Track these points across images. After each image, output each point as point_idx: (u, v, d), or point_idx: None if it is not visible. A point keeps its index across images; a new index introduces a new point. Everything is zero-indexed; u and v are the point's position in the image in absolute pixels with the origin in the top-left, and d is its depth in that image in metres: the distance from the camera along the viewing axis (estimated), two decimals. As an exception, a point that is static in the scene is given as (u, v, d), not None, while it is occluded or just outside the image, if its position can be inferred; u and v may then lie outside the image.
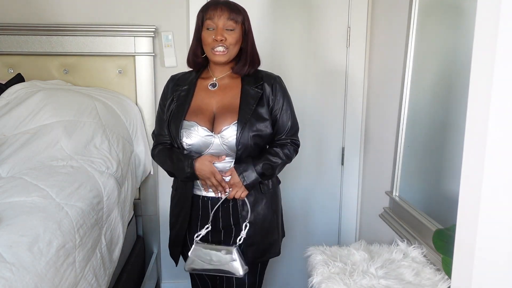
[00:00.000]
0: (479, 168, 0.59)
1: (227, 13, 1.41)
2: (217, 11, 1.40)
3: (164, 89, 1.58)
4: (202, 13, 1.45)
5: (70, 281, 1.19)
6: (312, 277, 1.45)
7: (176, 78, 1.56)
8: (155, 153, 1.56)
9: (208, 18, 1.42)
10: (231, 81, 1.52)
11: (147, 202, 2.38)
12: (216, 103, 1.48)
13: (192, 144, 1.44)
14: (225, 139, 1.43)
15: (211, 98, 1.49)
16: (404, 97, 1.82)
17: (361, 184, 2.49)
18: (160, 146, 1.54)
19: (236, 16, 1.42)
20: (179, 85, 1.52)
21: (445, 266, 1.27)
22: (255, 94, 1.48)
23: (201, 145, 1.44)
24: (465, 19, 1.55)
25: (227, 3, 1.44)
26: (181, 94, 1.50)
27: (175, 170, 1.47)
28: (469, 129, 0.62)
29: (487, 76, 0.57)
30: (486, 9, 0.58)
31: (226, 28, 1.42)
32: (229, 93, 1.50)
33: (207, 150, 1.45)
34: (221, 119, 1.45)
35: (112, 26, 2.21)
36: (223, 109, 1.47)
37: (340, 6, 2.33)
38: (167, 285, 2.55)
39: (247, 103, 1.46)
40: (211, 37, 1.41)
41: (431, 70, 1.77)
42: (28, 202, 1.27)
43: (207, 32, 1.43)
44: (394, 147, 1.92)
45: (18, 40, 2.18)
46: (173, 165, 1.45)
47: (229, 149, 1.44)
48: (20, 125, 1.85)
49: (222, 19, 1.41)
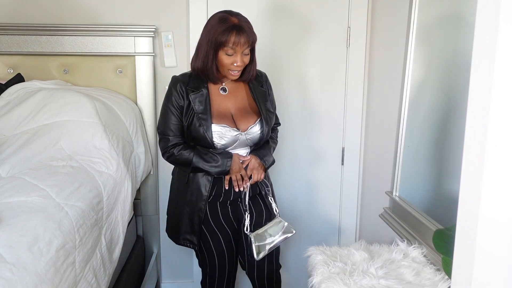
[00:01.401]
0: (479, 168, 0.59)
1: (247, 42, 1.54)
2: (241, 41, 1.51)
3: (172, 91, 1.64)
4: (222, 36, 1.51)
5: (70, 281, 1.19)
6: (312, 277, 1.45)
7: (185, 81, 1.64)
8: (175, 152, 1.64)
9: (230, 46, 1.52)
10: (236, 85, 1.72)
11: (147, 202, 2.38)
12: (232, 106, 1.69)
13: (225, 144, 1.64)
14: (250, 135, 1.67)
15: (226, 102, 1.68)
16: (404, 97, 1.82)
17: (361, 184, 2.49)
18: (179, 146, 1.65)
19: (252, 42, 1.57)
20: (192, 89, 1.63)
21: (445, 266, 1.27)
22: (263, 93, 1.75)
23: (230, 143, 1.66)
24: (465, 19, 1.55)
25: (247, 31, 1.53)
26: (199, 98, 1.62)
27: (210, 168, 1.62)
28: (469, 129, 0.62)
29: (487, 76, 0.57)
30: (486, 9, 0.58)
31: (244, 54, 1.57)
32: (239, 96, 1.71)
33: (233, 145, 1.67)
34: (243, 119, 1.67)
35: (112, 26, 2.21)
36: (240, 111, 1.69)
37: (340, 6, 2.33)
38: (167, 285, 2.55)
39: (262, 102, 1.72)
40: (231, 61, 1.56)
41: (431, 71, 1.77)
42: (28, 202, 1.27)
43: (226, 56, 1.55)
44: (394, 147, 1.92)
45: (18, 40, 2.18)
46: (207, 164, 1.61)
47: (251, 142, 1.69)
48: (20, 125, 1.85)
49: (243, 47, 1.54)
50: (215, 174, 1.64)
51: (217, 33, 1.52)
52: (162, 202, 2.46)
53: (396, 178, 1.90)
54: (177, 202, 1.74)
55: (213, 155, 1.61)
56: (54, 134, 1.79)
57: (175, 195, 1.77)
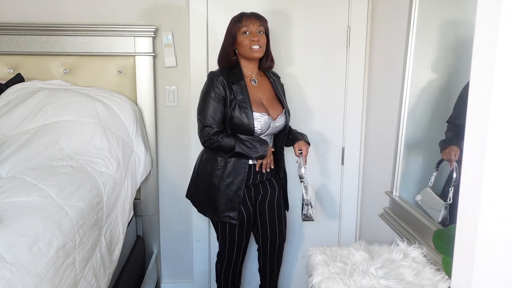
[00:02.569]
0: (479, 168, 0.59)
1: (258, 21, 1.83)
2: (251, 20, 1.82)
3: (213, 84, 1.81)
4: (236, 23, 1.83)
5: (70, 281, 1.19)
6: (312, 277, 1.45)
7: (225, 75, 1.84)
8: (218, 139, 1.80)
9: (244, 25, 1.81)
10: (262, 78, 1.96)
11: (147, 202, 2.38)
12: (262, 96, 1.90)
13: (262, 129, 1.84)
14: (277, 123, 1.90)
15: (258, 92, 1.89)
16: (404, 97, 1.82)
17: (361, 184, 2.49)
18: (222, 134, 1.81)
19: (263, 23, 1.85)
20: (233, 81, 1.83)
21: (445, 266, 1.27)
22: (282, 87, 2.04)
23: (265, 129, 1.86)
24: (465, 19, 1.55)
25: (256, 14, 1.85)
26: (240, 89, 1.82)
27: (251, 153, 1.82)
28: (469, 129, 0.62)
29: (487, 76, 0.57)
30: (486, 9, 0.58)
31: (258, 32, 1.82)
32: (266, 87, 1.95)
33: (266, 132, 1.87)
34: (273, 108, 1.90)
35: (112, 26, 2.21)
36: (269, 101, 1.92)
37: (340, 6, 2.33)
38: (167, 285, 2.55)
39: (283, 94, 1.99)
40: (249, 39, 1.81)
41: (431, 70, 1.77)
42: (28, 202, 1.27)
43: (243, 36, 1.81)
44: (394, 147, 1.92)
45: (18, 40, 2.18)
46: (249, 149, 1.81)
47: (276, 130, 1.92)
48: (20, 125, 1.85)
49: (255, 25, 1.82)
50: (255, 159, 1.86)
51: (232, 24, 1.84)
52: (162, 202, 2.46)
53: (396, 178, 1.90)
54: (211, 185, 1.88)
55: (253, 141, 1.82)
56: (54, 134, 1.79)
57: (207, 178, 1.90)
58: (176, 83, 2.35)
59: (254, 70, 1.92)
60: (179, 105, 2.38)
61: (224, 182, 1.86)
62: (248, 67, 1.90)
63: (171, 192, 2.45)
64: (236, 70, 1.87)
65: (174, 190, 2.44)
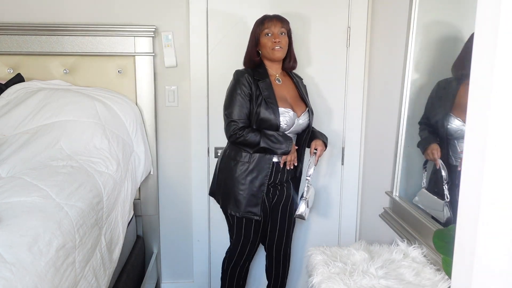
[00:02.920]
0: (479, 168, 0.59)
1: (280, 23, 1.91)
2: (273, 22, 1.91)
3: (240, 82, 1.87)
4: (259, 25, 1.92)
5: (70, 281, 1.19)
6: (312, 277, 1.45)
7: (250, 73, 1.91)
8: (244, 134, 1.85)
9: (266, 27, 1.90)
10: (285, 78, 2.03)
11: (147, 202, 2.38)
12: (287, 94, 1.96)
13: (288, 124, 1.88)
14: (301, 121, 1.95)
15: (282, 90, 1.95)
16: (404, 97, 1.82)
17: (361, 184, 2.49)
18: (247, 129, 1.86)
19: (285, 25, 1.93)
20: (258, 79, 1.89)
21: (445, 266, 1.27)
22: (305, 88, 2.12)
23: (290, 125, 1.90)
24: (465, 19, 1.55)
25: (278, 16, 1.94)
26: (265, 86, 1.88)
27: (276, 148, 1.86)
28: (469, 129, 0.62)
29: (487, 76, 0.57)
30: (486, 9, 0.58)
31: (280, 33, 1.90)
32: (290, 87, 2.01)
33: (291, 129, 1.91)
34: (298, 106, 1.96)
35: (112, 26, 2.21)
36: (294, 99, 1.97)
37: (340, 6, 2.33)
38: (167, 285, 2.55)
39: (306, 94, 2.06)
40: (271, 40, 1.89)
41: (431, 70, 1.77)
42: (28, 202, 1.27)
43: (266, 37, 1.90)
44: (394, 147, 1.92)
45: (18, 40, 2.18)
46: (274, 144, 1.85)
47: (300, 128, 1.97)
48: (20, 125, 1.85)
49: (277, 27, 1.90)
50: (280, 154, 1.89)
51: (255, 26, 1.94)
52: (162, 202, 2.46)
53: (396, 178, 1.90)
54: (234, 180, 1.91)
55: (278, 137, 1.86)
56: (54, 134, 1.79)
57: (229, 173, 1.93)
58: (176, 83, 2.35)
59: (278, 70, 1.99)
60: (179, 105, 2.38)
61: (248, 177, 1.90)
62: (272, 67, 1.97)
63: (171, 192, 2.45)
64: (261, 69, 1.94)
65: (174, 190, 2.44)
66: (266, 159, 1.90)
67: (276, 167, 1.94)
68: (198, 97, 2.35)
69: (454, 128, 1.54)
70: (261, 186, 1.90)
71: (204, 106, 2.36)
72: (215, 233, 2.49)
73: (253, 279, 2.52)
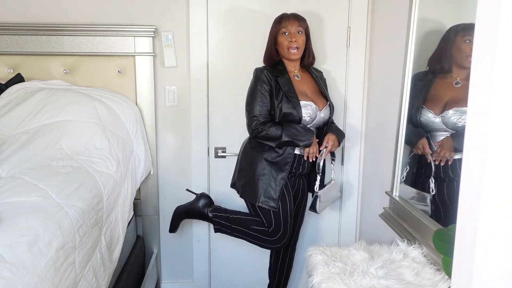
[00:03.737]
0: (479, 168, 0.59)
1: (297, 21, 1.95)
2: (290, 21, 1.94)
3: (260, 78, 1.93)
4: (277, 24, 1.97)
5: (70, 281, 1.19)
6: (312, 277, 1.45)
7: (269, 70, 1.96)
8: (266, 128, 1.89)
9: (283, 26, 1.94)
10: (304, 74, 2.07)
11: (147, 202, 2.39)
12: (307, 89, 2.00)
13: (311, 117, 1.93)
14: (322, 114, 2.00)
15: (302, 86, 2.00)
16: (404, 97, 1.82)
17: (361, 184, 2.49)
18: (268, 124, 1.90)
19: (302, 23, 1.97)
20: (277, 75, 1.94)
21: (445, 266, 1.27)
22: (325, 81, 2.16)
23: (313, 118, 1.95)
24: (465, 19, 1.55)
25: (295, 15, 1.98)
26: (285, 81, 1.93)
27: (298, 140, 1.89)
28: (469, 129, 0.62)
29: (487, 76, 0.57)
30: (486, 9, 0.58)
31: (297, 32, 1.94)
32: (310, 82, 2.06)
33: (313, 122, 1.97)
34: (319, 100, 2.00)
35: (112, 26, 2.21)
36: (314, 93, 2.02)
37: (340, 6, 2.33)
38: (167, 285, 2.55)
39: (325, 88, 2.10)
40: (287, 40, 1.93)
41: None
42: (28, 202, 1.27)
43: (283, 36, 1.95)
44: (394, 147, 1.92)
45: (18, 40, 2.18)
46: (296, 137, 1.88)
47: (322, 121, 2.02)
48: (20, 125, 1.85)
49: (294, 26, 1.94)
50: (303, 146, 1.92)
51: (273, 25, 1.98)
52: (162, 202, 2.46)
53: (396, 178, 1.90)
54: (255, 169, 1.95)
55: (300, 129, 1.89)
56: (54, 134, 1.79)
57: (249, 164, 1.98)
58: (176, 83, 2.35)
59: (297, 67, 2.03)
60: (179, 105, 2.37)
61: (269, 167, 1.94)
62: (290, 64, 2.01)
63: (171, 192, 2.45)
64: (280, 66, 1.99)
65: (174, 190, 2.44)
66: (288, 149, 1.93)
67: (298, 159, 1.97)
68: (198, 97, 2.35)
69: (426, 120, 1.55)
70: (281, 179, 1.93)
71: (204, 106, 2.36)
72: (215, 233, 2.49)
73: (253, 279, 2.52)
